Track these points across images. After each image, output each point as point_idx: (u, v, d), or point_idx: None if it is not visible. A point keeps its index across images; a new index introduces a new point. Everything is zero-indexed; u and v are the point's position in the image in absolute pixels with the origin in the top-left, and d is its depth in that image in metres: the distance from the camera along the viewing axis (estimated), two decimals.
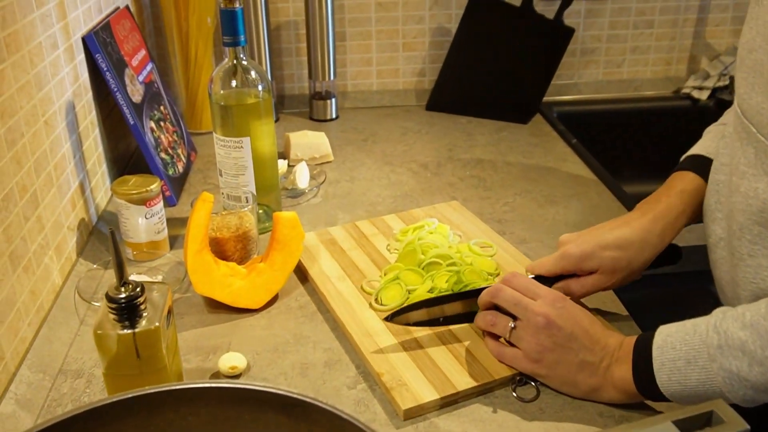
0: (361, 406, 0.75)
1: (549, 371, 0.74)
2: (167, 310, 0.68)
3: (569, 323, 0.73)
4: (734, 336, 0.64)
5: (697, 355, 0.65)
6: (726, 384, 0.64)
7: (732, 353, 0.63)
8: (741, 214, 0.70)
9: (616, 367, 0.72)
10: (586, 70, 1.71)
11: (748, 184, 0.68)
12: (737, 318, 0.65)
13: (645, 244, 0.81)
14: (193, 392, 0.58)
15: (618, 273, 0.81)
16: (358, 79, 1.65)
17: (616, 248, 0.81)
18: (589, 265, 0.81)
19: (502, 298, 0.77)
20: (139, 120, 1.15)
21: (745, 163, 0.69)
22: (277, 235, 0.92)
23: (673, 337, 0.68)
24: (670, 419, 0.49)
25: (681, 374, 0.66)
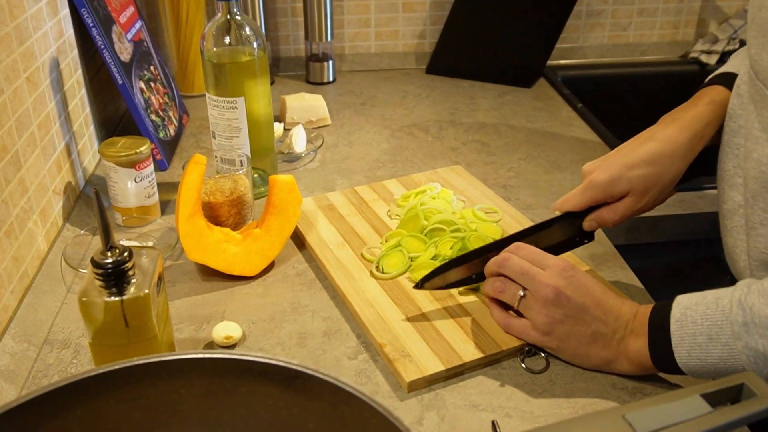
0: (363, 378, 0.72)
1: (560, 343, 0.70)
2: (157, 277, 0.64)
3: (579, 293, 0.69)
4: (761, 313, 0.60)
5: (720, 332, 0.62)
6: (751, 362, 0.61)
7: (759, 331, 0.60)
8: (754, 182, 0.66)
9: (631, 339, 0.68)
10: (591, 34, 1.65)
11: (762, 150, 0.64)
12: (764, 293, 0.61)
13: (674, 155, 0.75)
14: (186, 363, 0.54)
15: (650, 191, 0.76)
16: (356, 41, 1.59)
17: (644, 165, 0.75)
18: (618, 189, 0.75)
19: (509, 267, 0.73)
20: (128, 79, 1.09)
21: (759, 128, 0.65)
22: (274, 199, 0.88)
23: (693, 310, 0.64)
24: (697, 392, 0.45)
25: (702, 350, 0.63)
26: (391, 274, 0.86)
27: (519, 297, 0.71)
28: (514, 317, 0.74)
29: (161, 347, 0.65)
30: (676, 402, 0.45)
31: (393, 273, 0.86)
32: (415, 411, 0.67)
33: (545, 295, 0.69)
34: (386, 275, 0.86)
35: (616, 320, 0.69)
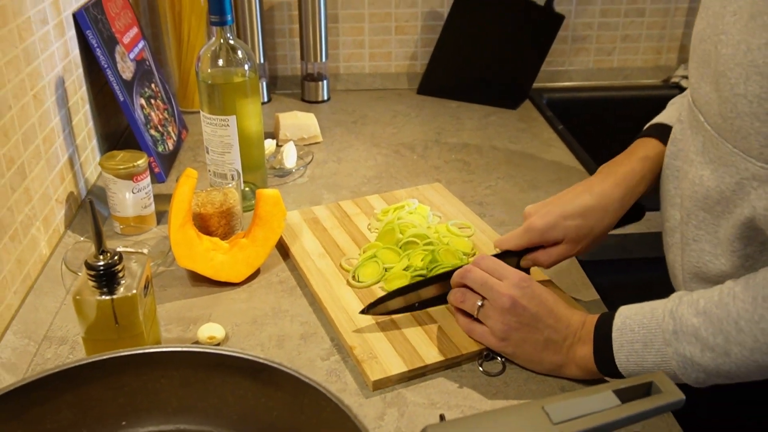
0: (333, 376, 0.78)
1: (515, 349, 0.77)
2: (145, 280, 0.70)
3: (533, 303, 0.75)
4: (688, 322, 0.66)
5: (653, 339, 0.68)
6: (680, 367, 0.67)
7: (686, 339, 0.66)
8: (688, 200, 0.72)
9: (579, 346, 0.74)
10: (576, 58, 1.72)
11: (696, 171, 0.70)
12: (692, 304, 0.67)
13: (606, 210, 0.82)
14: (165, 355, 0.61)
15: (582, 240, 0.83)
16: (350, 61, 1.67)
17: (578, 217, 0.81)
18: (553, 235, 0.82)
19: (470, 278, 0.79)
20: (129, 96, 1.17)
21: (693, 151, 0.71)
22: (260, 211, 0.95)
23: (632, 319, 0.71)
24: (611, 389, 0.52)
25: (638, 356, 0.69)
26: (365, 283, 0.92)
27: (477, 306, 0.78)
28: (476, 323, 0.80)
29: (147, 343, 0.71)
30: (590, 396, 0.51)
31: (368, 282, 0.92)
32: (378, 407, 0.74)
33: (502, 304, 0.76)
34: (361, 284, 0.92)
35: (566, 328, 0.75)
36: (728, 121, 0.63)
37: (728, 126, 0.63)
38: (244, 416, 0.60)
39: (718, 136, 0.65)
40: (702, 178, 0.69)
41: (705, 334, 0.65)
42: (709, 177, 0.68)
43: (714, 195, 0.68)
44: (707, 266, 0.72)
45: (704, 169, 0.69)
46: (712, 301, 0.66)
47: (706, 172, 0.68)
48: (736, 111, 0.61)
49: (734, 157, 0.64)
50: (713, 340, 0.64)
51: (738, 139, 0.62)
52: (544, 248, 0.84)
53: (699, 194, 0.70)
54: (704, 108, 0.68)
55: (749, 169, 0.62)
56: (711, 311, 0.65)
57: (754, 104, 0.59)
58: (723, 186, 0.66)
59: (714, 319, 0.65)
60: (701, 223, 0.71)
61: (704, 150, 0.69)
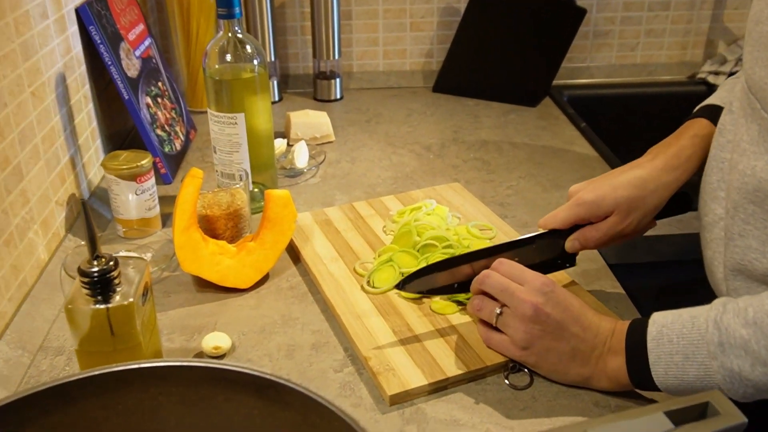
0: (347, 390, 0.72)
1: (538, 359, 0.71)
2: (143, 286, 0.65)
3: (558, 310, 0.69)
4: (736, 334, 0.60)
5: (696, 351, 0.62)
6: (726, 382, 0.61)
7: (734, 352, 0.60)
8: (736, 192, 0.67)
9: (609, 357, 0.68)
10: (598, 53, 1.66)
11: (747, 162, 0.65)
12: (739, 313, 0.61)
13: (659, 183, 0.78)
14: (163, 370, 0.55)
15: (633, 213, 0.77)
16: (364, 59, 1.61)
17: (630, 187, 0.77)
18: (604, 207, 0.77)
19: (489, 284, 0.73)
20: (134, 95, 1.12)
21: (747, 140, 0.66)
22: (269, 213, 0.90)
23: (669, 329, 0.64)
24: (662, 410, 0.46)
25: (678, 369, 0.63)
26: (381, 288, 0.87)
27: (496, 314, 0.72)
28: (494, 332, 0.74)
29: (146, 355, 0.66)
30: (638, 419, 0.45)
31: (383, 288, 0.87)
32: (395, 425, 0.68)
33: (524, 311, 0.70)
34: (377, 290, 0.87)
35: (594, 337, 0.69)
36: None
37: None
38: None
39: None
40: (755, 168, 0.64)
41: (756, 347, 0.59)
42: (763, 168, 0.63)
43: (765, 187, 0.63)
44: (753, 264, 0.66)
45: (758, 160, 0.64)
46: (764, 310, 0.60)
47: (760, 162, 0.64)
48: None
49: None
50: (766, 354, 0.58)
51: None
52: (591, 225, 0.79)
53: (750, 186, 0.65)
54: (760, 94, 0.63)
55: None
56: (763, 321, 0.59)
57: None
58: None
59: (767, 329, 0.59)
60: (750, 217, 0.66)
61: (760, 139, 0.64)
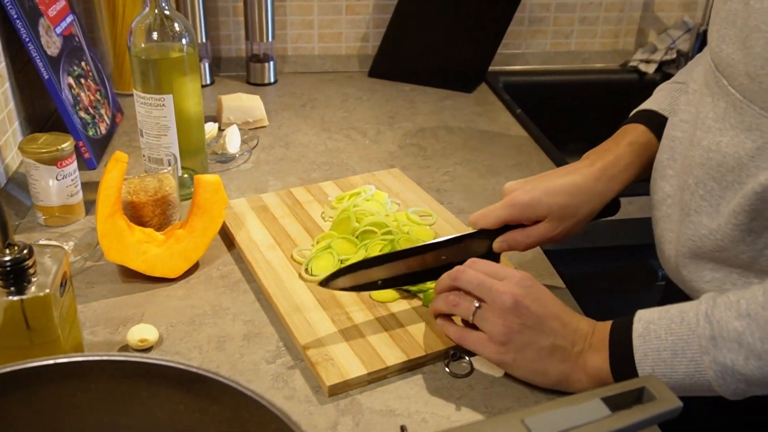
0: (280, 382, 0.70)
1: (516, 355, 0.68)
2: (62, 277, 0.61)
3: (537, 305, 0.67)
4: (729, 326, 0.58)
5: (685, 347, 0.60)
6: (717, 378, 0.59)
7: (727, 345, 0.58)
8: (699, 168, 0.67)
9: (590, 354, 0.66)
10: (533, 40, 1.67)
11: (712, 138, 0.65)
12: (731, 306, 0.59)
13: (593, 192, 0.77)
14: (82, 365, 0.52)
15: (565, 221, 0.76)
16: (298, 42, 1.58)
17: (565, 194, 0.76)
18: (537, 212, 0.76)
19: (464, 280, 0.70)
20: (55, 74, 1.06)
21: (712, 117, 0.66)
22: (198, 199, 0.86)
23: (657, 324, 0.63)
24: (599, 396, 0.45)
25: (667, 366, 0.61)
26: (319, 276, 0.85)
27: (474, 309, 0.69)
28: (470, 330, 0.71)
29: (65, 350, 0.62)
30: (576, 406, 0.45)
31: (322, 275, 0.85)
32: (330, 416, 0.66)
33: (503, 303, 0.67)
34: (315, 277, 0.84)
35: (574, 333, 0.67)
36: (757, 80, 0.58)
37: (756, 86, 0.59)
38: None
39: (743, 98, 0.61)
40: (719, 144, 0.64)
41: (751, 339, 0.57)
42: (727, 143, 0.63)
43: (729, 162, 0.63)
44: (702, 240, 0.66)
45: (723, 136, 0.64)
46: (757, 302, 0.58)
47: (725, 138, 0.63)
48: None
49: (760, 120, 0.59)
50: (761, 347, 0.57)
51: (767, 99, 0.58)
52: (522, 228, 0.77)
53: (713, 161, 0.65)
54: (728, 71, 0.63)
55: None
56: (757, 313, 0.58)
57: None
58: (742, 152, 0.61)
59: (762, 321, 0.57)
60: (707, 194, 0.66)
61: (725, 116, 0.64)
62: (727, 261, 0.66)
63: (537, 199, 0.75)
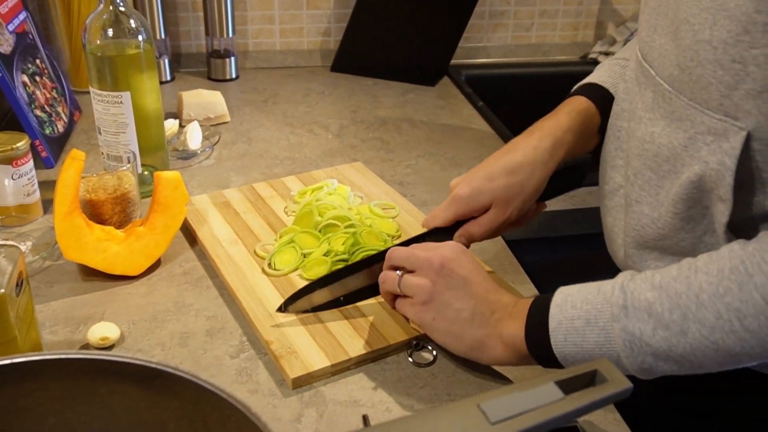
0: (243, 376, 0.70)
1: (436, 315, 0.68)
2: (17, 276, 0.60)
3: (464, 270, 0.68)
4: (641, 296, 0.59)
5: (598, 315, 0.60)
6: (625, 348, 0.59)
7: (637, 314, 0.58)
8: (636, 159, 0.68)
9: (508, 321, 0.67)
10: (495, 34, 1.68)
11: (645, 129, 0.66)
12: (646, 279, 0.60)
13: (535, 164, 0.76)
14: (38, 365, 0.51)
15: (513, 201, 0.76)
16: (259, 37, 1.57)
17: (505, 175, 0.75)
18: (481, 201, 0.75)
19: (395, 257, 0.72)
20: (9, 72, 1.04)
21: (642, 108, 0.67)
22: (158, 196, 0.86)
23: (575, 296, 0.63)
24: (552, 380, 0.46)
25: (578, 335, 0.61)
26: (282, 270, 0.85)
27: (398, 277, 0.70)
28: (399, 298, 0.72)
29: (23, 350, 0.61)
30: (530, 390, 0.46)
31: (285, 270, 0.85)
32: (294, 409, 0.66)
33: (430, 264, 0.68)
34: (278, 272, 0.85)
35: (496, 302, 0.68)
36: (686, 71, 0.59)
37: (686, 77, 0.59)
38: (135, 431, 0.52)
39: (671, 89, 0.62)
40: (653, 135, 0.65)
41: (660, 309, 0.57)
42: (660, 133, 0.64)
43: (664, 152, 0.63)
44: (645, 230, 0.67)
45: (655, 126, 0.64)
46: (670, 275, 0.59)
47: (657, 128, 0.64)
48: (698, 59, 0.57)
49: (689, 111, 0.60)
50: (669, 317, 0.57)
51: (696, 90, 0.59)
52: (475, 219, 0.77)
53: (649, 152, 0.65)
54: (657, 62, 0.64)
55: (705, 122, 0.59)
56: (669, 285, 0.58)
57: (719, 50, 0.56)
58: (675, 142, 0.62)
59: (672, 292, 0.57)
60: (645, 183, 0.66)
61: (654, 106, 0.65)
62: (669, 249, 0.67)
63: (477, 189, 0.75)
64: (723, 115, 0.57)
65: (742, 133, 0.56)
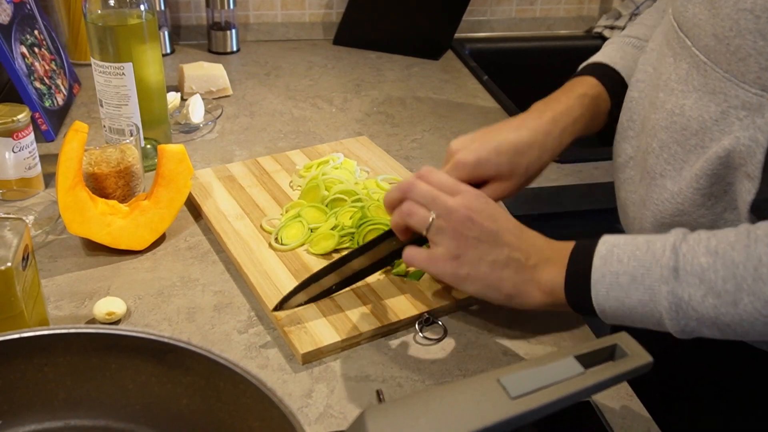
0: (252, 351, 0.69)
1: (471, 269, 0.65)
2: (23, 250, 0.59)
3: (491, 220, 0.65)
4: (695, 261, 0.56)
5: (645, 273, 0.58)
6: (670, 311, 0.57)
7: (688, 279, 0.56)
8: (663, 132, 0.66)
9: (545, 267, 0.64)
10: (498, 7, 1.66)
11: (675, 101, 0.64)
12: (700, 242, 0.57)
13: (544, 149, 0.74)
14: (48, 339, 0.50)
15: (514, 179, 0.73)
16: (261, 9, 1.54)
17: (513, 152, 0.72)
18: (485, 171, 0.72)
19: (417, 192, 0.67)
20: (7, 43, 1.02)
21: (675, 79, 0.65)
22: (162, 170, 0.84)
23: (621, 249, 0.60)
24: (571, 354, 0.46)
25: (622, 290, 0.59)
26: (290, 245, 0.84)
27: (430, 220, 0.66)
28: (419, 249, 0.69)
29: (29, 324, 0.61)
30: (549, 364, 0.45)
31: (292, 244, 0.84)
32: (304, 384, 0.66)
33: (458, 217, 0.65)
34: (285, 246, 0.84)
35: (530, 246, 0.66)
36: (724, 42, 0.57)
37: (723, 48, 0.58)
38: (147, 406, 0.51)
39: (707, 60, 0.60)
40: (683, 107, 0.63)
41: (714, 276, 0.55)
42: (691, 106, 0.62)
43: (694, 126, 0.62)
44: (664, 204, 0.66)
45: (686, 98, 0.63)
46: (727, 241, 0.56)
47: (689, 101, 0.62)
48: (737, 29, 0.56)
49: (724, 83, 0.58)
50: (722, 286, 0.54)
51: (733, 62, 0.57)
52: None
53: (677, 125, 0.64)
54: (692, 31, 0.62)
55: (740, 96, 0.57)
56: (726, 252, 0.55)
57: (762, 20, 0.54)
58: (706, 116, 0.60)
59: (728, 261, 0.55)
60: (671, 157, 0.65)
61: (688, 78, 0.63)
62: (687, 225, 0.66)
63: (485, 159, 0.72)
64: (759, 89, 0.56)
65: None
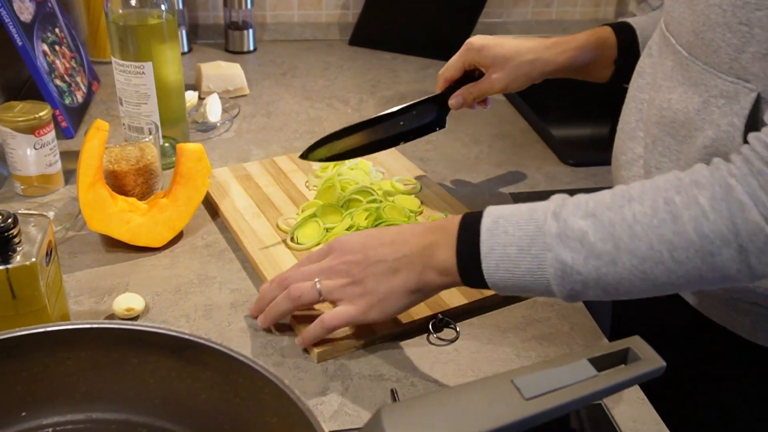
0: (269, 349, 0.70)
1: (380, 294, 0.65)
2: (47, 246, 0.61)
3: (360, 246, 0.67)
4: (575, 225, 0.57)
5: (531, 243, 0.59)
6: (556, 276, 0.58)
7: (569, 243, 0.57)
8: (655, 126, 0.70)
9: (437, 250, 0.64)
10: (515, 9, 1.66)
11: (663, 96, 0.68)
12: (579, 206, 0.58)
13: (538, 55, 0.87)
14: (71, 334, 0.52)
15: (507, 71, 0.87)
16: (278, 9, 1.56)
17: (512, 49, 0.87)
18: (489, 55, 0.87)
19: (292, 277, 0.69)
20: (29, 41, 1.04)
21: (662, 77, 0.69)
22: (181, 168, 0.85)
23: (506, 220, 0.61)
24: (585, 357, 0.46)
25: (511, 261, 0.59)
26: (305, 244, 0.85)
27: (317, 287, 0.67)
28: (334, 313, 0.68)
29: (52, 319, 0.62)
30: (563, 366, 0.46)
31: (308, 243, 0.85)
32: (319, 381, 0.67)
33: (335, 269, 0.67)
34: (301, 246, 0.85)
35: (411, 238, 0.66)
36: (700, 36, 0.62)
37: (699, 42, 0.62)
38: (166, 401, 0.52)
39: (688, 55, 0.64)
40: (670, 101, 0.67)
41: (593, 239, 0.56)
42: (677, 100, 0.66)
43: (680, 117, 0.65)
44: None
45: (672, 93, 0.67)
46: (604, 203, 0.58)
47: (674, 95, 0.66)
48: (709, 23, 0.60)
49: (703, 75, 0.62)
50: (601, 246, 0.56)
51: (708, 54, 0.61)
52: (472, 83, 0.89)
53: (666, 119, 0.67)
54: (676, 29, 0.67)
55: (717, 86, 0.61)
56: (602, 213, 0.57)
57: (728, 13, 0.58)
58: (690, 107, 0.64)
59: (605, 221, 0.56)
60: (666, 150, 0.68)
61: (673, 73, 0.67)
62: None
63: (489, 46, 0.87)
64: (734, 77, 0.60)
65: (752, 95, 0.58)
